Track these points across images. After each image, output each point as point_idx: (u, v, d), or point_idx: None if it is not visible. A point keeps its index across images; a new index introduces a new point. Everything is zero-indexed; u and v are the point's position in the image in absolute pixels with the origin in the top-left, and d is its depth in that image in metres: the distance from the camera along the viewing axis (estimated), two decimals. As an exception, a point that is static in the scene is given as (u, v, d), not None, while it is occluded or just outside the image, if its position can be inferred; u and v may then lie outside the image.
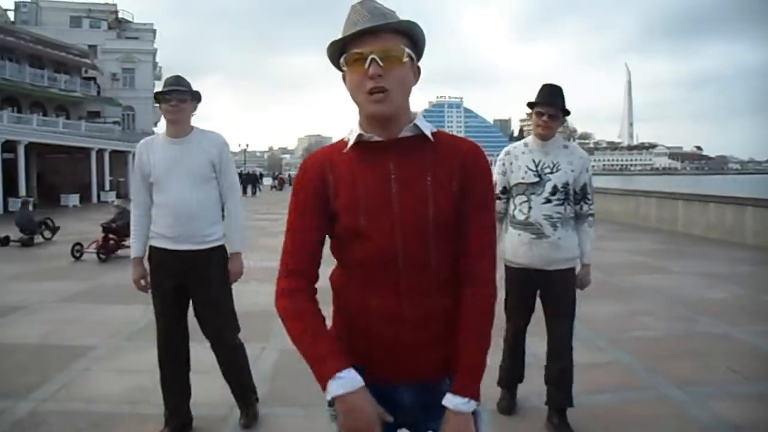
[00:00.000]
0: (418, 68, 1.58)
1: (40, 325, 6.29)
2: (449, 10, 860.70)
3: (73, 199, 30.58)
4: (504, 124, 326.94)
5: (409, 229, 1.52)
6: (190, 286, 3.49)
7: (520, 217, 3.55)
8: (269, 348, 5.30)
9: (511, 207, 3.62)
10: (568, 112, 3.58)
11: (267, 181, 62.64)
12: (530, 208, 3.51)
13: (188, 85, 3.52)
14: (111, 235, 11.41)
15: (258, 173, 56.77)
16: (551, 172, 3.52)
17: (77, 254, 11.37)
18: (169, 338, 3.54)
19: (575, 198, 3.58)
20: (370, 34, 1.46)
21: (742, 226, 12.80)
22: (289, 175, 75.05)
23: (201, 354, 3.82)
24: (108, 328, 6.03)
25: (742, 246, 12.01)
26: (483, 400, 1.69)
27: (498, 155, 3.85)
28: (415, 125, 1.56)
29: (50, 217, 15.12)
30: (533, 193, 3.52)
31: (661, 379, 4.47)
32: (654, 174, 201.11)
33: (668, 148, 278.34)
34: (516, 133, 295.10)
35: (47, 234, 14.54)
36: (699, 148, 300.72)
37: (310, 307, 1.54)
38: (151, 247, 3.54)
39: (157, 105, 3.48)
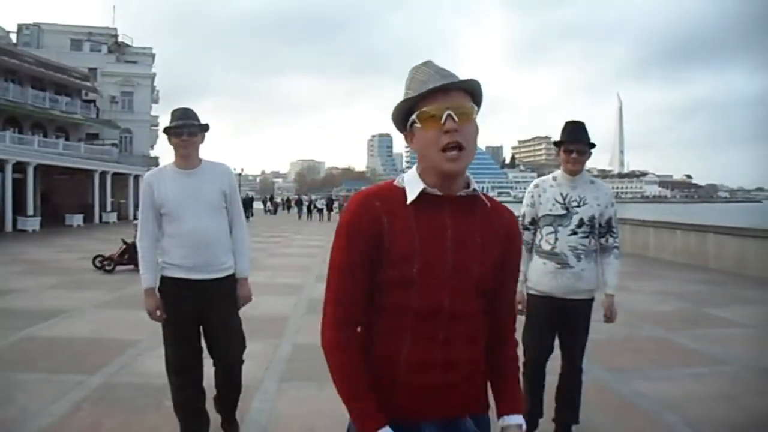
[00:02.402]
0: (476, 125, 1.61)
1: (86, 325, 7.44)
2: (445, 37, 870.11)
3: (77, 219, 31.66)
4: (495, 152, 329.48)
5: (459, 286, 1.58)
6: (203, 314, 3.54)
7: (546, 247, 3.69)
8: (283, 343, 6.42)
9: (538, 237, 3.76)
10: (593, 146, 3.76)
11: (257, 205, 63.47)
12: (556, 239, 3.66)
13: (196, 117, 3.58)
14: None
15: (250, 197, 57.59)
16: (578, 206, 3.66)
17: (99, 264, 12.96)
18: (181, 373, 3.63)
19: (600, 231, 3.72)
20: (442, 92, 1.53)
21: (705, 251, 14.03)
22: (282, 200, 75.30)
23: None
24: (148, 327, 7.11)
25: (703, 269, 13.21)
26: None
27: (489, 181, 4.35)
28: (474, 189, 1.63)
29: None
30: (560, 225, 3.66)
31: (598, 367, 5.57)
32: (644, 202, 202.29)
33: (658, 176, 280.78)
34: (507, 161, 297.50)
35: None
36: (689, 176, 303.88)
37: (360, 361, 1.60)
38: (164, 278, 3.55)
39: (166, 137, 3.53)
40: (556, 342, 3.88)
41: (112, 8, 79.53)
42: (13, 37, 50.86)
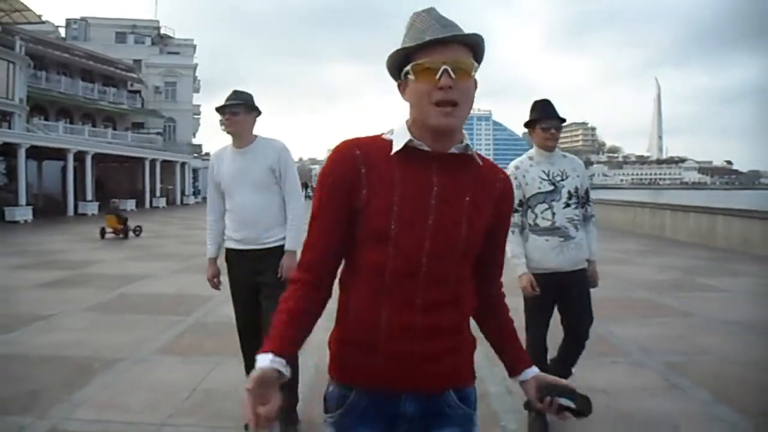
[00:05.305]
0: (476, 81, 1.53)
1: (169, 285, 9.06)
2: (482, 22, 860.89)
3: (130, 204, 33.64)
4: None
5: (439, 246, 1.50)
6: (256, 281, 3.74)
7: (545, 224, 3.70)
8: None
9: (531, 217, 3.74)
10: (564, 120, 3.84)
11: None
12: (554, 213, 3.69)
13: (245, 98, 3.75)
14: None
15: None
16: (562, 179, 3.74)
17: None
18: (244, 333, 3.89)
19: (581, 201, 3.83)
20: (441, 44, 1.44)
21: (714, 231, 15.07)
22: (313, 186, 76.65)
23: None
24: (221, 286, 8.59)
25: (711, 248, 14.22)
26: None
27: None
28: (467, 145, 1.54)
29: None
30: (553, 200, 3.71)
31: (587, 318, 6.88)
32: (682, 188, 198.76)
33: (698, 162, 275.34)
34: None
35: None
36: (729, 162, 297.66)
37: (296, 297, 1.53)
38: (225, 248, 3.89)
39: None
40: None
41: (154, 0, 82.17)
42: (62, 32, 53.01)
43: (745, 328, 6.44)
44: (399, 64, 1.54)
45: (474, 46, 1.51)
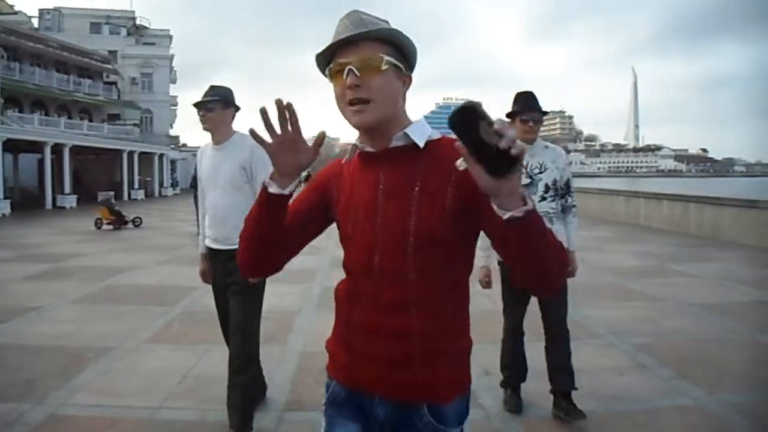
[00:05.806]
0: (409, 77, 1.53)
1: (153, 277, 9.22)
2: (463, 12, 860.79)
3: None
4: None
5: (388, 242, 1.48)
6: (228, 283, 3.64)
7: None
8: (315, 286, 8.04)
9: None
10: (546, 113, 3.90)
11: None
12: None
13: (224, 93, 3.66)
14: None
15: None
16: (540, 172, 3.77)
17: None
18: (225, 328, 3.89)
19: (561, 192, 3.86)
20: (350, 44, 1.44)
21: (687, 218, 15.49)
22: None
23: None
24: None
25: (684, 234, 14.64)
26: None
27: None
28: (405, 134, 1.49)
29: None
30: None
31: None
32: (658, 176, 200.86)
33: (674, 150, 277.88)
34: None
35: None
36: (704, 150, 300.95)
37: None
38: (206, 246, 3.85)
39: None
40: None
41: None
42: (35, 22, 52.18)
43: (712, 311, 6.76)
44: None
45: (392, 41, 1.48)
